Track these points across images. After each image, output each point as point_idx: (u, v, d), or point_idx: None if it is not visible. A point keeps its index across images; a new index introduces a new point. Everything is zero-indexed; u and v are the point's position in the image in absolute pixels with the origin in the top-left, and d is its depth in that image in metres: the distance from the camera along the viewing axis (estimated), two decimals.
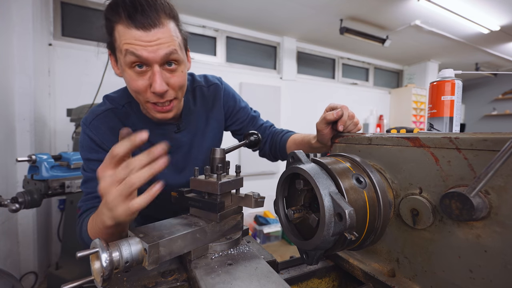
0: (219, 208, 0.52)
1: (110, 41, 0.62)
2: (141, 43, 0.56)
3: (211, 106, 0.88)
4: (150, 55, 0.57)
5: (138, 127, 0.73)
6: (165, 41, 0.58)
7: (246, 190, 0.56)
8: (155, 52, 0.58)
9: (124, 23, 0.57)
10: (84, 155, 0.70)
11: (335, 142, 0.65)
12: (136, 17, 0.56)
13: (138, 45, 0.56)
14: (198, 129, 0.84)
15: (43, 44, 2.15)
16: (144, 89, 0.62)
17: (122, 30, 0.57)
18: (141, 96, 0.64)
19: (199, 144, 0.85)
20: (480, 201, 0.34)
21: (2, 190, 1.58)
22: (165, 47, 0.58)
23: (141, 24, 0.56)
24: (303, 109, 3.68)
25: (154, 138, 0.74)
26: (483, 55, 4.06)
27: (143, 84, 0.61)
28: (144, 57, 0.57)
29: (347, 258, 0.55)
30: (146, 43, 0.56)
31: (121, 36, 0.57)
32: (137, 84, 0.61)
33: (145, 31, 0.56)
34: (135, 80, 0.61)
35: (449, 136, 0.39)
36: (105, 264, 0.35)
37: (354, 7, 2.72)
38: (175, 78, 0.63)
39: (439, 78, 0.60)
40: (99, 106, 0.75)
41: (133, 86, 0.62)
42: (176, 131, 0.79)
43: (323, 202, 0.38)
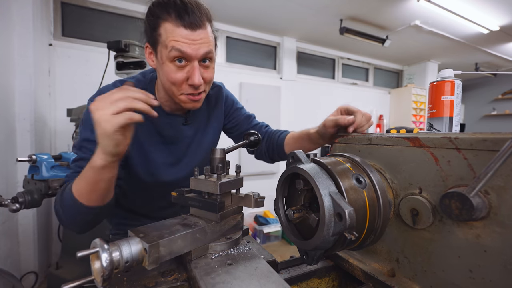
0: (219, 208, 0.52)
1: (152, 35, 0.68)
2: (187, 41, 0.63)
3: (214, 106, 0.93)
4: (193, 52, 0.65)
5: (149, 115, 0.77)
6: (205, 41, 0.66)
7: (246, 190, 0.56)
8: (198, 50, 0.65)
9: (173, 21, 0.63)
10: (84, 134, 0.69)
11: (335, 142, 0.65)
12: (184, 17, 0.63)
13: (184, 42, 0.63)
14: (200, 126, 0.89)
15: (43, 44, 2.15)
16: (181, 81, 0.68)
17: (170, 28, 0.63)
18: (176, 87, 0.69)
19: (200, 139, 0.89)
20: (480, 201, 0.34)
21: (2, 190, 1.58)
22: (205, 46, 0.66)
23: (189, 24, 0.63)
24: (303, 109, 3.68)
25: (163, 127, 0.80)
26: (483, 55, 4.06)
27: (181, 77, 0.67)
28: (188, 54, 0.64)
29: (347, 258, 0.55)
30: (191, 41, 0.64)
31: (168, 33, 0.64)
32: (176, 76, 0.67)
33: (192, 30, 0.64)
34: (175, 72, 0.67)
35: (449, 136, 0.39)
36: (105, 264, 0.35)
37: (354, 7, 2.72)
38: (208, 73, 0.71)
39: (439, 78, 0.60)
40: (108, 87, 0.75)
41: (172, 78, 0.67)
42: (184, 123, 0.83)
43: (323, 202, 0.38)
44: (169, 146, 0.82)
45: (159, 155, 0.81)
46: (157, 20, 0.65)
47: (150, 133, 0.78)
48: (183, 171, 0.85)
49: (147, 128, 0.78)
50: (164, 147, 0.82)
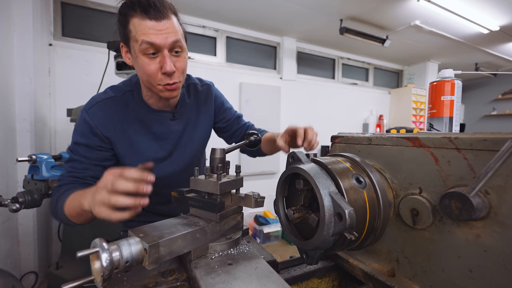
0: (219, 208, 0.52)
1: (124, 33, 0.72)
2: (154, 32, 0.68)
3: (203, 102, 0.97)
4: (161, 41, 0.69)
5: (138, 112, 0.82)
6: (172, 30, 0.70)
7: (246, 190, 0.56)
8: (165, 39, 0.69)
9: (139, 16, 0.68)
10: (75, 138, 0.78)
11: (335, 142, 0.65)
12: (149, 11, 0.68)
13: (151, 33, 0.68)
14: (190, 120, 0.92)
15: (43, 44, 2.15)
16: (155, 71, 0.72)
17: (138, 22, 0.68)
18: (152, 79, 0.73)
19: (190, 134, 0.92)
20: (480, 201, 0.34)
21: (2, 190, 1.58)
22: (172, 35, 0.70)
23: (154, 16, 0.68)
24: (303, 109, 3.68)
25: (152, 123, 0.84)
26: (483, 55, 4.06)
27: (155, 67, 0.71)
28: (157, 43, 0.68)
29: (347, 258, 0.55)
30: (157, 31, 0.68)
31: (137, 27, 0.68)
32: (150, 68, 0.71)
33: (157, 21, 0.68)
34: (148, 64, 0.71)
35: (449, 136, 0.39)
36: (105, 264, 0.35)
37: (354, 7, 2.72)
38: (180, 62, 0.75)
39: (439, 78, 0.60)
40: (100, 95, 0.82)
41: (147, 70, 0.71)
42: (171, 119, 0.87)
43: (323, 202, 0.38)
44: (159, 141, 0.86)
45: (150, 151, 0.85)
46: (126, 18, 0.70)
47: (140, 130, 0.83)
48: (174, 165, 0.89)
49: (137, 126, 0.83)
50: (155, 143, 0.86)
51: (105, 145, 0.80)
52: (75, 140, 0.78)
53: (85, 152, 0.77)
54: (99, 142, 0.79)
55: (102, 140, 0.79)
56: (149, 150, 0.85)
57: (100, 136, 0.78)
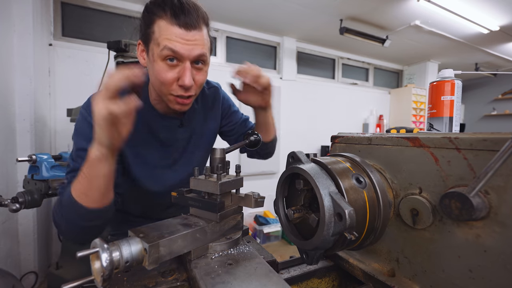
0: (219, 208, 0.52)
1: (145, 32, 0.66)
2: (180, 40, 0.62)
3: (211, 106, 0.92)
4: (186, 52, 0.63)
5: (144, 116, 0.76)
6: (200, 43, 0.65)
7: (246, 190, 0.56)
8: (191, 50, 0.64)
9: (168, 19, 0.62)
10: (79, 143, 0.66)
11: (335, 142, 0.65)
12: (180, 17, 0.61)
13: (177, 41, 0.62)
14: (197, 127, 0.88)
15: (44, 44, 2.15)
16: (171, 81, 0.66)
17: (165, 26, 0.62)
18: (166, 87, 0.67)
19: (196, 141, 0.88)
20: (480, 201, 0.34)
21: (3, 190, 1.58)
22: (199, 48, 0.65)
23: (184, 23, 0.62)
24: (303, 109, 3.68)
25: (159, 129, 0.79)
26: (483, 55, 4.06)
27: (172, 77, 0.65)
28: (181, 53, 0.63)
29: (347, 258, 0.55)
30: (185, 41, 0.62)
31: (162, 31, 0.62)
32: (166, 76, 0.65)
33: (186, 30, 0.62)
34: (165, 71, 0.65)
35: (449, 136, 0.39)
36: (105, 264, 0.35)
37: (354, 7, 2.72)
38: (200, 76, 0.70)
39: (439, 78, 0.60)
40: None
41: (162, 77, 0.65)
42: (179, 126, 0.82)
43: (323, 202, 0.38)
44: (165, 148, 0.82)
45: (156, 158, 0.80)
46: (152, 17, 0.64)
47: (146, 137, 0.78)
48: (180, 173, 0.84)
49: (143, 132, 0.77)
50: (161, 149, 0.81)
51: None
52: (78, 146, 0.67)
53: None
54: None
55: None
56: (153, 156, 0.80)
57: None
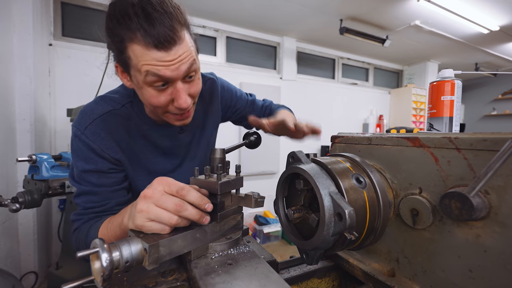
0: (219, 208, 0.52)
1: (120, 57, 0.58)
2: (164, 63, 0.54)
3: (209, 101, 0.88)
4: (173, 73, 0.56)
5: (141, 128, 0.72)
6: (185, 56, 0.56)
7: (246, 190, 0.56)
8: (178, 69, 0.56)
9: (141, 42, 0.52)
10: (80, 165, 0.64)
11: (335, 142, 0.65)
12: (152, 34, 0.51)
13: (160, 65, 0.54)
14: (198, 126, 0.85)
15: (43, 44, 2.15)
16: (166, 104, 0.61)
17: (140, 51, 0.53)
18: (161, 109, 0.63)
19: (198, 140, 0.85)
20: (480, 201, 0.34)
21: (3, 190, 1.58)
22: (186, 62, 0.57)
23: (161, 45, 0.52)
24: (303, 109, 3.69)
25: (158, 139, 0.75)
26: (483, 55, 4.06)
27: (165, 100, 0.60)
28: (168, 76, 0.55)
29: (347, 258, 0.55)
30: (168, 63, 0.54)
31: (139, 57, 0.54)
32: (159, 101, 0.59)
33: (166, 51, 0.53)
34: (156, 97, 0.59)
35: (449, 136, 0.39)
36: (105, 264, 0.35)
37: (354, 7, 2.72)
38: (193, 87, 0.63)
39: (439, 78, 0.60)
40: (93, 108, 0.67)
41: (155, 103, 0.60)
42: (180, 132, 0.79)
43: (323, 202, 0.38)
44: (167, 156, 0.79)
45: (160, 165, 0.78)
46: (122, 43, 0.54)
47: (147, 148, 0.74)
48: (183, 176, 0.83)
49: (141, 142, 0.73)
50: (162, 157, 0.78)
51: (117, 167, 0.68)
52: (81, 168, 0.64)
53: (98, 180, 0.64)
54: (110, 165, 0.66)
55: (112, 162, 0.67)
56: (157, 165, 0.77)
57: (109, 159, 0.66)
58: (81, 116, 0.66)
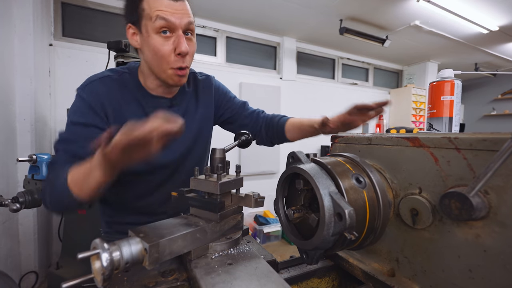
0: (219, 208, 0.52)
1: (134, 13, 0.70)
2: (171, 10, 0.68)
3: (202, 92, 0.93)
4: (177, 21, 0.69)
5: (135, 94, 0.79)
6: (187, 12, 0.71)
7: (246, 190, 0.56)
8: (181, 19, 0.69)
9: None
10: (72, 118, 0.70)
11: (335, 142, 0.65)
12: None
13: (168, 11, 0.67)
14: (188, 109, 0.89)
15: (44, 45, 2.15)
16: (169, 52, 0.70)
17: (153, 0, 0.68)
18: (165, 60, 0.71)
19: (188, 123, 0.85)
20: (480, 201, 0.34)
21: (3, 190, 1.58)
22: (187, 17, 0.71)
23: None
24: (303, 109, 3.68)
25: (149, 108, 0.80)
26: (483, 55, 4.06)
27: (168, 48, 0.70)
28: (173, 22, 0.68)
29: (347, 258, 0.55)
30: (174, 10, 0.68)
31: (152, 5, 0.68)
32: (163, 48, 0.70)
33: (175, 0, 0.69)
34: (162, 44, 0.69)
35: (449, 136, 0.39)
36: (105, 263, 0.35)
37: (354, 7, 2.72)
38: (191, 46, 0.74)
39: (439, 78, 0.60)
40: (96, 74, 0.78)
41: (160, 50, 0.70)
42: (169, 106, 0.84)
43: (323, 202, 0.38)
44: None
45: None
46: None
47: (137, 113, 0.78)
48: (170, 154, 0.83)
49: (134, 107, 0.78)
50: None
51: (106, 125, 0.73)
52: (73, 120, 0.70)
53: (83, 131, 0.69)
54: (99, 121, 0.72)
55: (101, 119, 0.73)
56: None
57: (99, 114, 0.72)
58: (85, 81, 0.76)
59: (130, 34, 0.75)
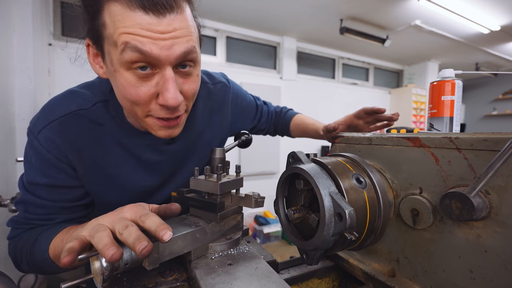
0: (219, 208, 0.51)
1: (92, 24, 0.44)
2: (150, 34, 0.39)
3: (217, 109, 0.72)
4: (162, 52, 0.40)
5: (116, 134, 0.56)
6: (183, 33, 0.42)
7: (246, 190, 0.56)
8: (170, 48, 0.41)
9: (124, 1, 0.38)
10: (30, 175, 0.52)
11: (335, 142, 0.65)
12: None
13: (145, 36, 0.39)
14: (196, 136, 0.68)
15: (43, 44, 2.15)
16: (147, 99, 0.45)
17: (120, 12, 0.39)
18: (140, 108, 0.46)
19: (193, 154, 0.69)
20: (480, 201, 0.34)
21: (2, 190, 1.58)
22: (183, 42, 0.42)
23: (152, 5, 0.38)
24: (303, 109, 3.65)
25: (139, 150, 0.59)
26: (483, 55, 4.06)
27: (146, 93, 0.44)
28: (154, 55, 0.40)
29: (347, 258, 0.55)
30: (157, 34, 0.39)
31: (117, 21, 0.39)
32: (137, 93, 0.43)
33: (157, 16, 0.39)
34: (135, 86, 0.43)
35: (449, 136, 0.39)
36: (105, 264, 0.35)
37: (354, 7, 2.72)
38: (189, 84, 0.48)
39: (439, 78, 0.60)
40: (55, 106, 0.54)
41: (131, 95, 0.44)
42: (168, 142, 0.62)
43: (323, 202, 0.38)
44: (149, 170, 0.62)
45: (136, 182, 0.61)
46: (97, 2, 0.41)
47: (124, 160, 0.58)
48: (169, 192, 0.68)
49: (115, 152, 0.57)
50: (142, 171, 0.61)
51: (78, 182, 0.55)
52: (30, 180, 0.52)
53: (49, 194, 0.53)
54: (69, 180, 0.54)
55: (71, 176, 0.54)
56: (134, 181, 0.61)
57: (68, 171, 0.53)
58: (39, 115, 0.53)
59: (92, 55, 0.50)
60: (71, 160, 0.53)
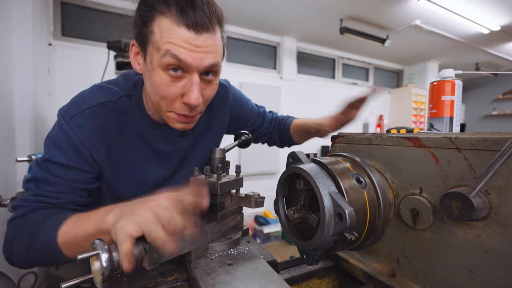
0: (219, 208, 0.51)
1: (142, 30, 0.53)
2: (188, 46, 0.50)
3: (217, 109, 0.81)
4: (194, 62, 0.51)
5: (137, 125, 0.66)
6: (212, 50, 0.53)
7: (246, 190, 0.56)
8: (201, 60, 0.52)
9: (173, 17, 0.49)
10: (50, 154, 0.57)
11: (335, 142, 0.65)
12: (188, 14, 0.49)
13: (184, 47, 0.50)
14: (200, 133, 0.78)
15: (43, 44, 2.15)
16: (174, 97, 0.55)
17: (168, 25, 0.49)
18: (166, 103, 0.56)
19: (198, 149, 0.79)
20: (480, 201, 0.34)
21: (2, 190, 1.58)
22: (211, 56, 0.53)
23: (193, 24, 0.49)
24: (303, 109, 3.68)
25: (155, 140, 0.69)
26: (483, 55, 4.06)
27: (175, 92, 0.54)
28: (188, 63, 0.51)
29: (347, 258, 0.55)
30: (193, 47, 0.50)
31: (164, 32, 0.50)
32: (168, 90, 0.54)
33: (196, 33, 0.50)
34: (167, 85, 0.53)
35: (449, 136, 0.39)
36: (105, 264, 0.35)
37: (354, 7, 2.72)
38: (208, 90, 0.59)
39: (439, 78, 0.60)
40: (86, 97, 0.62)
41: (163, 92, 0.54)
42: (180, 135, 0.73)
43: (323, 202, 0.38)
44: (161, 161, 0.72)
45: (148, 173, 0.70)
46: (151, 13, 0.51)
47: (138, 148, 0.67)
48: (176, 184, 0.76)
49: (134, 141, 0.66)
50: (155, 162, 0.71)
51: (91, 169, 0.61)
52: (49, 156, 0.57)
53: (63, 173, 0.57)
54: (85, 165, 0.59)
55: (88, 163, 0.60)
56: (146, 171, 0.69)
57: (87, 158, 0.59)
58: (70, 104, 0.60)
59: (134, 52, 0.59)
60: (95, 150, 0.60)
